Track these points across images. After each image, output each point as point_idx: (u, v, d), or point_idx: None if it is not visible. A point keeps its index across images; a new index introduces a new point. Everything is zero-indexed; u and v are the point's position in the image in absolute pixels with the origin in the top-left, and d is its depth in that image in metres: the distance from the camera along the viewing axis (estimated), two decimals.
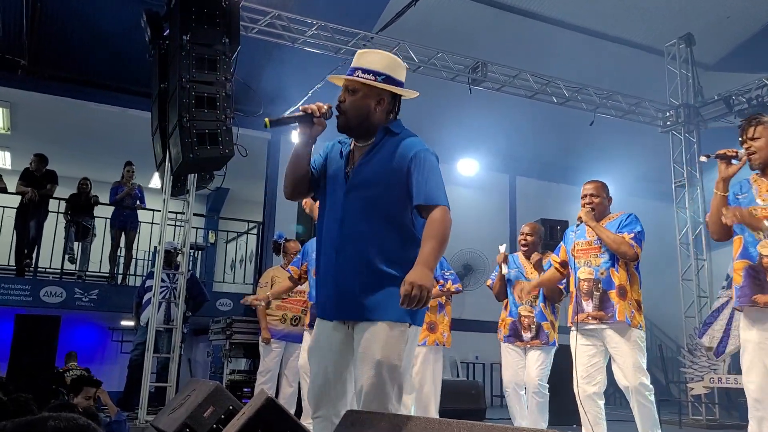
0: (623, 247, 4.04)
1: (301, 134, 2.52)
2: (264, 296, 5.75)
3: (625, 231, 4.11)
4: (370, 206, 2.40)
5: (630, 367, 3.98)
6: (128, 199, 9.64)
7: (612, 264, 4.12)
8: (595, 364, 4.14)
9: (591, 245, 4.23)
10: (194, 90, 5.80)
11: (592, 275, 4.16)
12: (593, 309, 4.11)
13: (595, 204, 4.26)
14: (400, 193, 2.41)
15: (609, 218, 4.27)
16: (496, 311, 5.30)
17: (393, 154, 2.43)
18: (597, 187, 4.35)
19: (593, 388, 4.10)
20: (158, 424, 4.27)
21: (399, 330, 2.33)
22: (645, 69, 10.90)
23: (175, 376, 6.81)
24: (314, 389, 2.45)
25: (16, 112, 10.61)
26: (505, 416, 9.06)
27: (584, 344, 4.17)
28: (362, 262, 2.36)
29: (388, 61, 2.52)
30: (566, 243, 4.45)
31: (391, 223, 2.40)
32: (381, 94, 2.48)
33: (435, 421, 1.74)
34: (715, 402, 8.89)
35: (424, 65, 8.95)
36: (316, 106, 2.48)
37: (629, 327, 4.02)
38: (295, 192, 2.61)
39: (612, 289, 4.08)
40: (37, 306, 8.67)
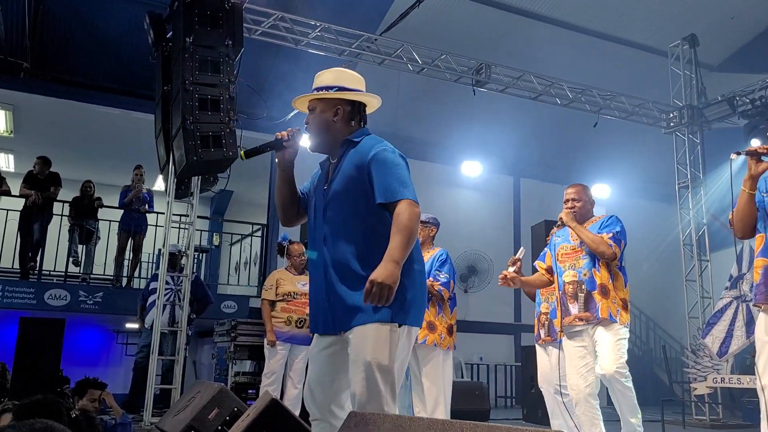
0: (601, 247, 4.11)
1: (278, 161, 2.63)
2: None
3: (604, 231, 4.18)
4: (346, 218, 2.46)
5: (607, 354, 4.02)
6: (137, 203, 9.64)
7: (593, 264, 4.18)
8: (586, 365, 4.16)
9: (575, 249, 4.30)
10: (197, 92, 5.82)
11: (576, 277, 4.22)
12: (579, 310, 4.16)
13: (576, 207, 4.32)
14: (370, 199, 2.45)
15: (592, 221, 4.33)
16: (500, 313, 5.34)
17: (354, 163, 2.49)
18: (578, 191, 4.41)
19: (587, 389, 4.12)
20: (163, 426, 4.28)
21: (387, 331, 2.34)
22: (648, 70, 10.90)
23: (180, 378, 6.83)
24: (310, 393, 2.50)
25: (19, 114, 10.63)
26: (509, 417, 9.08)
27: (574, 346, 4.21)
28: (347, 274, 2.42)
29: (338, 74, 2.64)
30: (551, 249, 4.52)
31: (369, 230, 2.44)
32: (337, 105, 2.57)
33: (438, 421, 1.74)
34: (719, 402, 8.87)
35: (428, 67, 8.95)
36: (286, 131, 2.59)
37: (614, 323, 4.07)
38: (286, 217, 2.72)
39: (594, 290, 4.13)
40: (41, 309, 8.67)
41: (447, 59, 9.04)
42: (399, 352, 2.37)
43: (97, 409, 4.95)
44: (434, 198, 11.55)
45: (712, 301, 9.42)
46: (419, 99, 10.44)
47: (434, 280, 4.81)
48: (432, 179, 11.93)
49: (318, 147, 2.63)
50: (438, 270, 4.87)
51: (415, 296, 2.44)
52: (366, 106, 2.66)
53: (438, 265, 4.89)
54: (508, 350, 12.65)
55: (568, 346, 4.24)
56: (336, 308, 2.43)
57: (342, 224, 2.45)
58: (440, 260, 4.93)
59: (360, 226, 2.43)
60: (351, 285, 2.39)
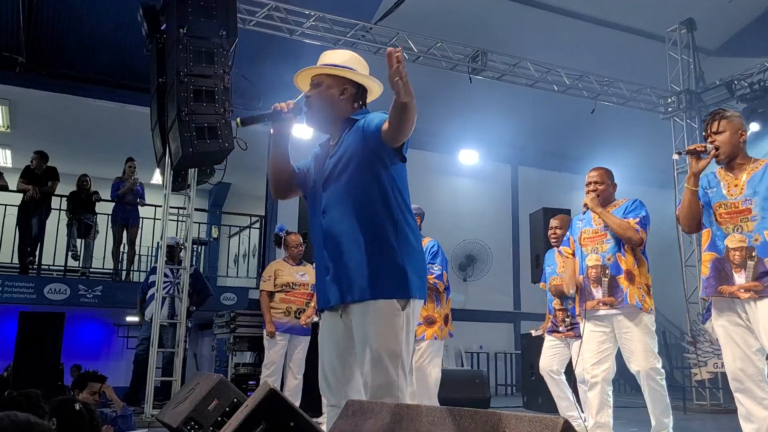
0: (629, 232, 4.07)
1: (274, 132, 2.55)
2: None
3: (630, 216, 4.13)
4: (344, 193, 2.44)
5: (641, 352, 4.01)
6: (130, 195, 9.64)
7: (618, 249, 4.14)
8: (604, 350, 4.15)
9: (597, 233, 4.26)
10: (192, 83, 5.79)
11: (600, 261, 4.18)
12: (603, 295, 4.13)
13: (599, 191, 4.28)
14: (373, 168, 2.43)
15: (614, 205, 4.28)
16: (499, 301, 5.35)
17: (356, 136, 2.47)
18: (601, 174, 4.36)
19: (602, 374, 4.12)
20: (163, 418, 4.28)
21: (392, 310, 2.32)
22: (646, 55, 10.85)
23: (180, 370, 6.84)
24: (324, 379, 2.49)
25: (15, 109, 10.60)
26: (509, 404, 9.10)
27: (594, 330, 4.18)
28: (348, 244, 2.39)
29: (350, 56, 2.62)
30: (573, 232, 4.49)
31: (371, 202, 2.42)
32: (344, 84, 2.55)
33: (437, 409, 1.74)
34: (720, 387, 8.89)
35: (423, 55, 8.91)
36: (286, 103, 2.51)
37: (640, 311, 4.05)
38: (277, 189, 2.67)
39: (620, 274, 4.10)
40: (41, 303, 8.68)
41: (443, 47, 9.00)
42: (405, 331, 2.35)
43: (97, 402, 4.96)
44: (431, 187, 11.55)
45: None
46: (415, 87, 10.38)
47: (428, 273, 4.80)
48: (429, 168, 11.92)
49: (317, 122, 2.58)
50: (431, 263, 4.86)
51: (418, 270, 2.43)
52: (368, 94, 2.64)
53: (430, 257, 4.88)
54: (508, 338, 12.67)
55: (587, 330, 4.22)
56: (339, 279, 2.40)
57: (343, 196, 2.43)
58: (432, 252, 4.92)
59: (361, 198, 2.41)
60: (351, 256, 2.38)
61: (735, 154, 3.32)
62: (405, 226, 2.44)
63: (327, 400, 2.51)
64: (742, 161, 3.33)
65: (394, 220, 2.42)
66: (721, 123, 3.32)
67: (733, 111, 3.46)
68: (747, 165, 3.32)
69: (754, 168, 3.30)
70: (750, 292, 3.15)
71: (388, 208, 2.42)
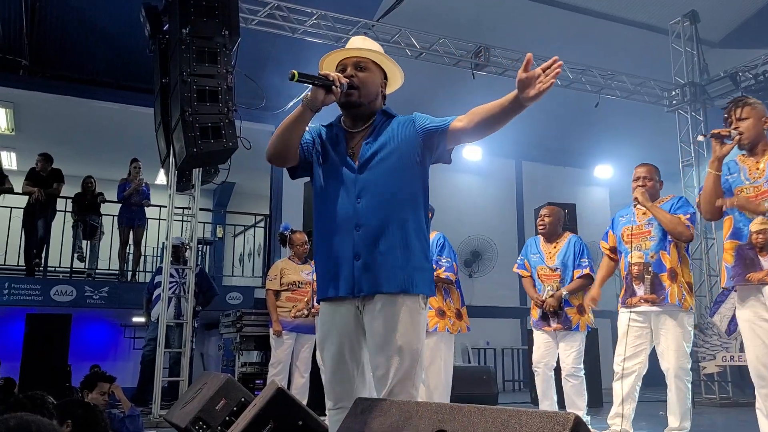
0: (679, 228, 4.10)
1: (311, 99, 2.35)
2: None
3: (679, 212, 4.17)
4: (390, 180, 2.39)
5: (674, 350, 4.07)
6: (136, 196, 9.65)
7: (662, 246, 4.18)
8: (639, 345, 4.20)
9: (642, 229, 4.29)
10: (195, 83, 5.79)
11: (643, 259, 4.21)
12: (645, 292, 4.17)
13: (648, 186, 4.32)
14: (418, 165, 2.44)
15: (660, 201, 4.32)
16: (505, 297, 5.33)
17: (398, 130, 2.46)
18: (650, 170, 4.41)
19: (635, 367, 4.17)
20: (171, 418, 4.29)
21: (418, 307, 2.33)
22: (649, 48, 10.80)
23: (188, 370, 6.85)
24: (333, 380, 2.38)
25: (19, 112, 10.62)
26: (517, 401, 9.10)
27: (632, 325, 4.23)
28: (387, 234, 2.34)
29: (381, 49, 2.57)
30: (615, 228, 4.52)
31: (415, 196, 2.42)
32: (383, 75, 2.53)
33: (446, 406, 1.73)
34: (728, 380, 8.87)
35: (426, 51, 8.89)
36: (337, 75, 2.37)
37: (680, 310, 4.09)
38: (279, 153, 2.44)
39: (663, 272, 4.14)
40: (47, 305, 8.70)
41: (445, 43, 8.98)
42: (424, 328, 2.37)
43: (107, 402, 4.96)
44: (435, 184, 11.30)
45: (718, 279, 9.39)
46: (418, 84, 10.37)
47: (437, 267, 4.78)
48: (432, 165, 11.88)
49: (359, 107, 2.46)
50: (439, 255, 4.85)
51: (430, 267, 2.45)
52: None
53: (438, 250, 4.87)
54: (515, 334, 12.66)
55: (625, 322, 4.25)
56: (372, 268, 2.32)
57: (388, 183, 2.37)
58: (439, 245, 4.91)
59: (407, 191, 2.40)
60: (393, 247, 2.32)
61: (758, 141, 3.34)
62: (427, 218, 2.48)
63: (333, 403, 2.38)
64: (764, 147, 3.35)
65: (427, 217, 2.46)
66: (744, 110, 3.33)
67: (755, 99, 3.47)
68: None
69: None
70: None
71: (425, 203, 2.46)
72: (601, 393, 7.87)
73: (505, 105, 2.22)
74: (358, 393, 2.33)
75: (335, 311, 2.39)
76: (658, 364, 4.22)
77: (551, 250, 5.12)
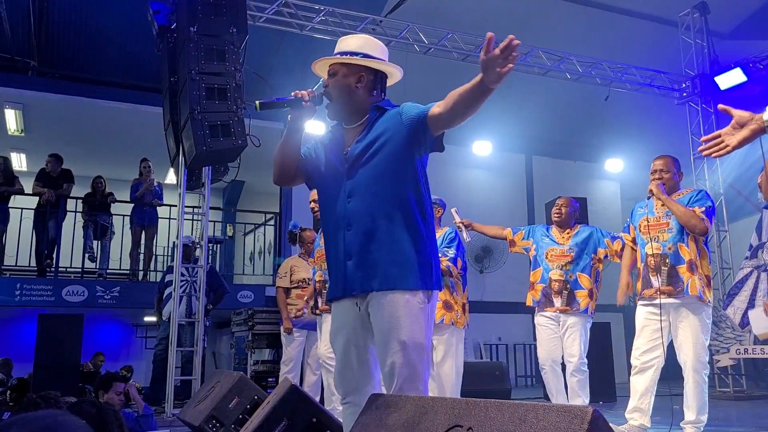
0: (693, 220, 4.06)
1: (291, 119, 2.52)
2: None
3: (696, 205, 4.13)
4: (376, 176, 2.39)
5: (692, 343, 4.03)
6: (149, 195, 9.67)
7: (681, 239, 4.15)
8: (657, 339, 4.17)
9: (659, 221, 4.26)
10: (204, 81, 5.80)
11: (660, 250, 4.18)
12: (662, 284, 4.13)
13: (665, 179, 4.28)
14: (407, 156, 2.41)
15: (679, 194, 4.29)
16: (517, 292, 5.30)
17: (387, 123, 2.44)
18: (667, 162, 4.37)
19: (653, 362, 4.14)
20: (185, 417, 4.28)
21: (418, 301, 2.30)
22: (659, 41, 10.72)
23: (200, 369, 6.86)
24: (340, 375, 2.42)
25: (29, 113, 10.65)
26: (530, 396, 9.06)
27: (649, 318, 4.20)
28: (375, 231, 2.35)
29: (365, 41, 2.56)
30: (633, 219, 4.49)
31: (403, 189, 2.39)
32: (360, 72, 2.50)
33: (462, 401, 1.71)
34: (742, 373, 8.81)
35: (434, 47, 8.85)
36: (306, 91, 2.49)
37: (700, 302, 4.07)
38: (283, 176, 2.59)
39: (681, 264, 4.11)
40: (59, 305, 8.73)
41: (454, 38, 8.94)
42: (429, 322, 2.33)
43: (122, 402, 4.97)
44: (446, 179, 11.48)
45: (732, 271, 9.33)
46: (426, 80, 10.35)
47: (442, 256, 4.78)
48: (443, 160, 11.74)
49: (336, 113, 2.55)
50: (447, 247, 4.85)
51: (437, 261, 2.43)
52: (387, 78, 2.61)
53: (447, 242, 4.87)
54: (526, 329, 12.58)
55: (642, 315, 4.22)
56: (364, 266, 2.35)
57: (376, 179, 2.39)
58: (449, 238, 4.90)
59: (394, 184, 2.38)
60: (382, 242, 2.33)
61: None
62: (430, 216, 2.43)
63: (342, 397, 2.43)
64: None
65: (422, 210, 2.40)
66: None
67: None
68: None
69: None
70: None
71: (418, 197, 2.41)
72: (615, 387, 7.83)
73: (473, 88, 2.22)
74: (365, 388, 2.35)
75: (339, 310, 2.45)
76: (673, 357, 4.18)
77: (564, 235, 5.06)
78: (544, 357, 4.99)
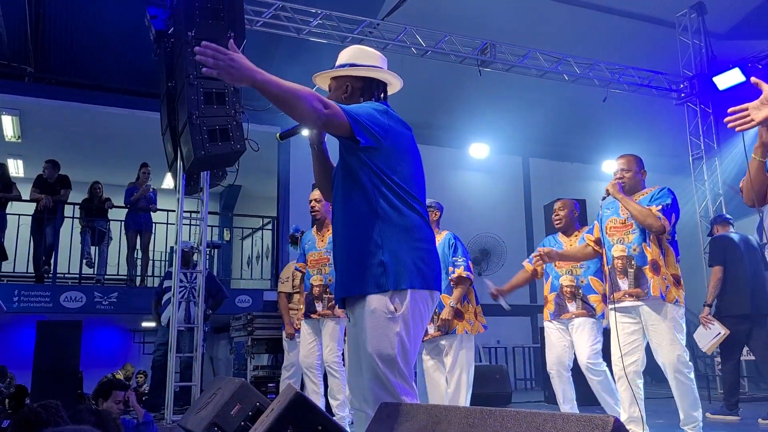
0: (649, 219, 3.98)
1: (311, 141, 2.58)
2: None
3: (654, 204, 4.05)
4: (341, 189, 2.43)
5: (667, 344, 3.93)
6: (143, 201, 9.62)
7: (644, 239, 4.06)
8: (633, 342, 4.09)
9: (624, 223, 4.18)
10: (202, 86, 5.75)
11: (625, 252, 4.11)
12: (629, 286, 4.05)
13: (626, 178, 4.21)
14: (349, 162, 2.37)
15: (642, 193, 4.21)
16: (515, 294, 5.23)
17: None
18: (628, 161, 4.30)
19: (632, 367, 4.05)
20: (186, 425, 4.24)
21: (381, 308, 2.21)
22: (656, 41, 10.73)
23: (199, 375, 6.81)
24: (349, 381, 2.51)
25: (25, 119, 10.60)
26: (531, 399, 9.01)
27: (622, 322, 4.12)
28: (343, 243, 2.40)
29: (353, 51, 2.60)
30: (599, 220, 4.40)
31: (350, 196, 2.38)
32: (345, 83, 2.53)
33: (476, 410, 1.67)
34: (744, 375, 8.78)
35: (431, 50, 8.83)
36: None
37: (664, 302, 3.96)
38: (328, 192, 2.65)
39: (645, 265, 4.02)
40: (57, 312, 8.68)
41: (451, 41, 8.92)
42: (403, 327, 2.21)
43: (122, 410, 4.92)
44: (443, 181, 11.47)
45: None
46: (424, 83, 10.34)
47: (455, 268, 4.72)
48: (440, 163, 11.83)
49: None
50: (454, 257, 4.78)
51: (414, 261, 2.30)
52: (386, 85, 2.59)
53: (451, 251, 4.80)
54: (525, 332, 12.58)
55: (614, 320, 4.14)
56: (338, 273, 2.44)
57: (338, 196, 2.45)
58: (451, 246, 4.84)
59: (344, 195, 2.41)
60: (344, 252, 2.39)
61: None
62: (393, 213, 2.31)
63: (352, 404, 2.47)
64: None
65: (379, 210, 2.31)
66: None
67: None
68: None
69: None
70: None
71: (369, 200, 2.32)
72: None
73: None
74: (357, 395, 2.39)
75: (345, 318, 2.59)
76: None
77: (571, 239, 4.91)
78: (552, 362, 4.81)
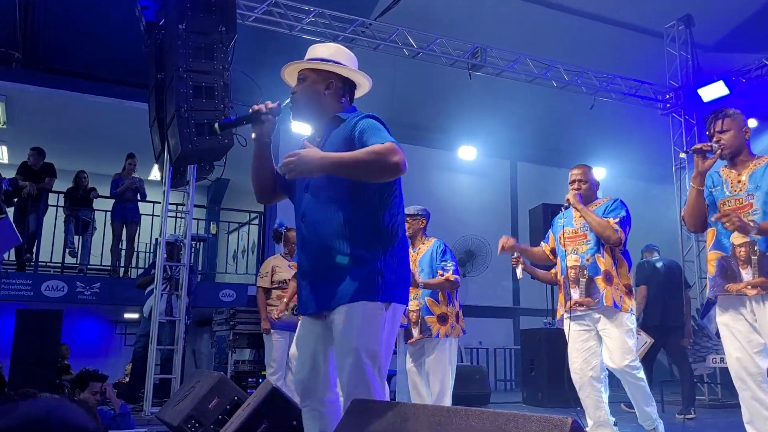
0: (607, 231, 4.03)
1: (255, 137, 2.54)
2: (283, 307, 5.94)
3: (610, 216, 4.09)
4: (325, 194, 2.39)
5: (618, 350, 3.99)
6: (129, 192, 9.60)
7: (597, 250, 4.10)
8: (589, 348, 4.13)
9: (577, 233, 4.22)
10: (192, 79, 5.78)
11: (578, 262, 4.15)
12: (580, 295, 4.10)
13: (583, 189, 4.26)
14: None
15: (595, 204, 4.25)
16: (499, 296, 5.30)
17: (341, 137, 2.42)
18: (585, 172, 4.34)
19: (590, 372, 4.09)
20: (164, 417, 4.26)
21: (373, 311, 2.29)
22: (644, 52, 10.83)
23: (180, 367, 6.82)
24: (300, 380, 2.46)
25: (11, 106, 10.55)
26: (509, 400, 9.09)
27: (577, 330, 4.16)
28: (327, 250, 2.35)
29: (335, 49, 2.60)
30: (554, 231, 4.44)
31: (351, 207, 2.36)
32: (329, 78, 2.53)
33: (443, 408, 1.72)
34: (718, 382, 8.90)
35: (423, 51, 8.88)
36: (264, 104, 2.50)
37: (618, 311, 4.02)
38: (260, 194, 2.65)
39: (598, 275, 4.07)
40: (38, 300, 8.64)
41: (442, 43, 8.97)
42: (386, 333, 2.32)
43: (98, 401, 4.93)
44: (430, 183, 11.54)
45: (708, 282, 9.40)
46: (414, 84, 10.39)
47: (444, 272, 4.75)
48: (428, 164, 11.90)
49: (303, 117, 2.57)
50: (443, 260, 4.82)
51: (400, 276, 2.40)
52: (356, 88, 2.61)
53: (441, 256, 4.84)
54: (507, 334, 12.67)
55: (568, 329, 4.18)
56: (317, 286, 2.38)
57: (324, 200, 2.39)
58: (440, 251, 4.87)
59: (343, 203, 2.35)
60: (331, 262, 2.33)
61: (739, 151, 3.32)
62: (387, 227, 2.38)
63: (301, 400, 2.48)
64: (744, 158, 3.33)
65: (374, 223, 2.37)
66: (725, 121, 3.31)
67: (734, 109, 3.45)
68: (749, 162, 3.32)
69: (756, 164, 3.30)
70: (757, 288, 3.12)
71: (369, 210, 2.37)
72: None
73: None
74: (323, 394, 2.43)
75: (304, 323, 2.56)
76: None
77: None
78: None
